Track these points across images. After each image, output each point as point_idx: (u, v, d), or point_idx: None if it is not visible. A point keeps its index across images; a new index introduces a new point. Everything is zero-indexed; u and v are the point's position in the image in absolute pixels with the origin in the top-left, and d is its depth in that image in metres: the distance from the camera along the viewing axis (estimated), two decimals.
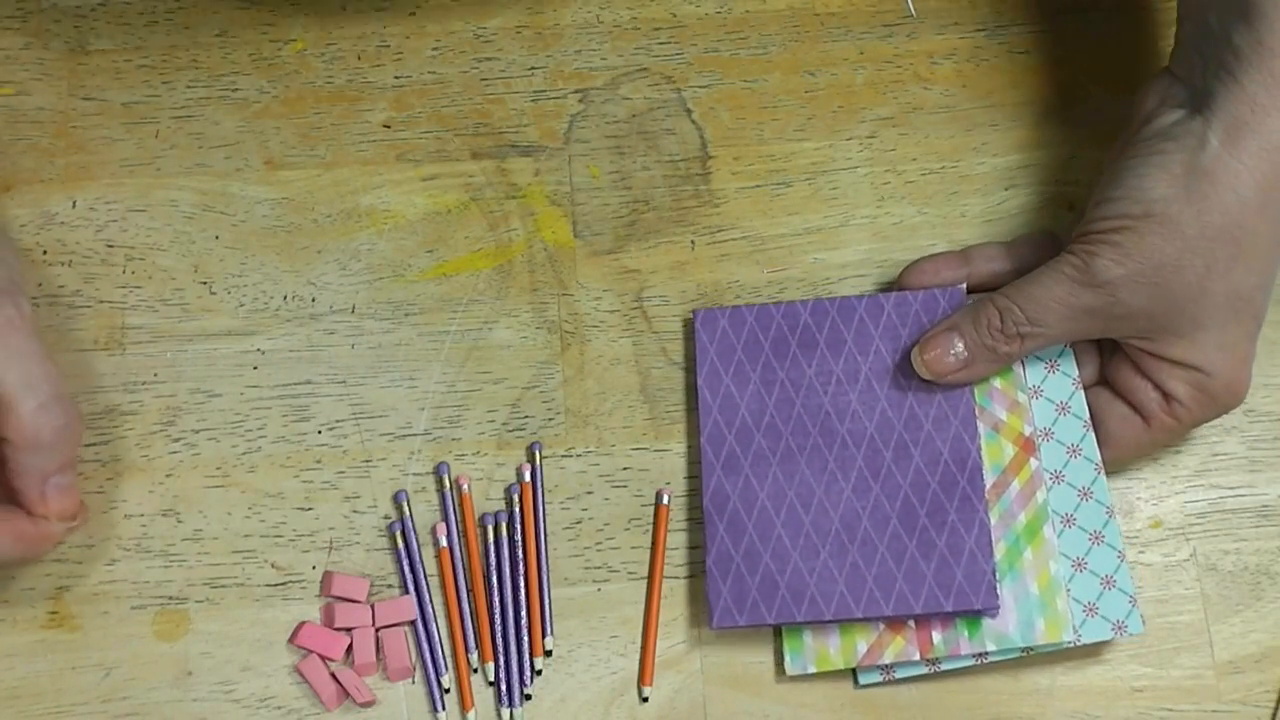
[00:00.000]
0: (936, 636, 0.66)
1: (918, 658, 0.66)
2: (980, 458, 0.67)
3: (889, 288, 0.72)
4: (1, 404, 0.61)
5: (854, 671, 0.67)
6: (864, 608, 0.65)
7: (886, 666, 0.67)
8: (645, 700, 0.67)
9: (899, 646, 0.66)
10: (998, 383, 0.69)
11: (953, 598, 0.65)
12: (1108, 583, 0.66)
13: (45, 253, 0.73)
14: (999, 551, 0.66)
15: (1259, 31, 0.61)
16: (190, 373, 0.71)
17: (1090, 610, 0.66)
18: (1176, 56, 0.66)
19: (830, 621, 0.66)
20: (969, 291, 0.69)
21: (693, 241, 0.73)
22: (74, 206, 0.73)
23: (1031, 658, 0.67)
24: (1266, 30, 0.60)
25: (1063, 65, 0.76)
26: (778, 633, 0.68)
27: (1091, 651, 0.68)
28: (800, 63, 0.76)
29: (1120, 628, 0.65)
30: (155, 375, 0.71)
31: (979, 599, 0.65)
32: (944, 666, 0.66)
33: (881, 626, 0.66)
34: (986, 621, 0.65)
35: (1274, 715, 0.68)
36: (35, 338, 0.63)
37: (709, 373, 0.70)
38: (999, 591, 0.65)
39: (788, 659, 0.66)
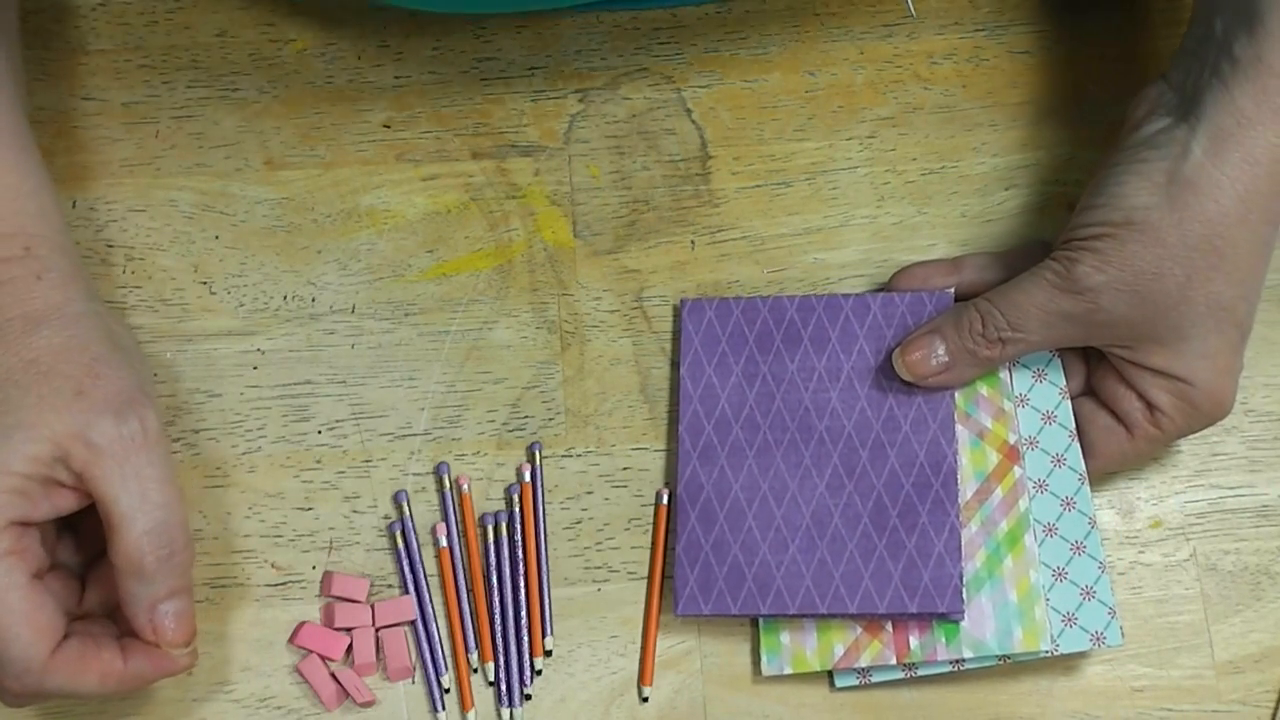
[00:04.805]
0: (914, 641, 0.66)
1: (894, 662, 0.66)
2: (955, 462, 0.67)
3: (885, 289, 0.72)
4: (111, 526, 0.59)
5: (830, 674, 0.67)
6: (829, 604, 0.65)
7: (863, 670, 0.67)
8: (645, 700, 0.67)
9: (876, 650, 0.66)
10: (984, 390, 0.69)
11: (918, 599, 0.65)
12: (1087, 593, 0.66)
13: None
14: (980, 559, 0.66)
15: (1260, 46, 0.61)
16: (190, 373, 0.71)
17: (1069, 620, 0.65)
18: (1176, 61, 0.66)
19: (794, 615, 0.66)
20: (959, 300, 0.69)
21: (693, 241, 0.73)
22: (74, 206, 0.73)
23: (1030, 658, 0.67)
24: (1269, 47, 0.61)
25: (1062, 65, 0.76)
26: (755, 625, 0.68)
27: (1091, 651, 0.68)
28: (800, 63, 0.76)
29: (1099, 638, 0.65)
30: (155, 375, 0.71)
31: (944, 602, 0.65)
32: (920, 672, 0.66)
33: (859, 629, 0.66)
34: (964, 628, 0.65)
35: (1274, 715, 0.68)
36: (159, 458, 0.60)
37: (692, 362, 0.70)
38: (965, 596, 0.65)
39: (764, 659, 0.66)
